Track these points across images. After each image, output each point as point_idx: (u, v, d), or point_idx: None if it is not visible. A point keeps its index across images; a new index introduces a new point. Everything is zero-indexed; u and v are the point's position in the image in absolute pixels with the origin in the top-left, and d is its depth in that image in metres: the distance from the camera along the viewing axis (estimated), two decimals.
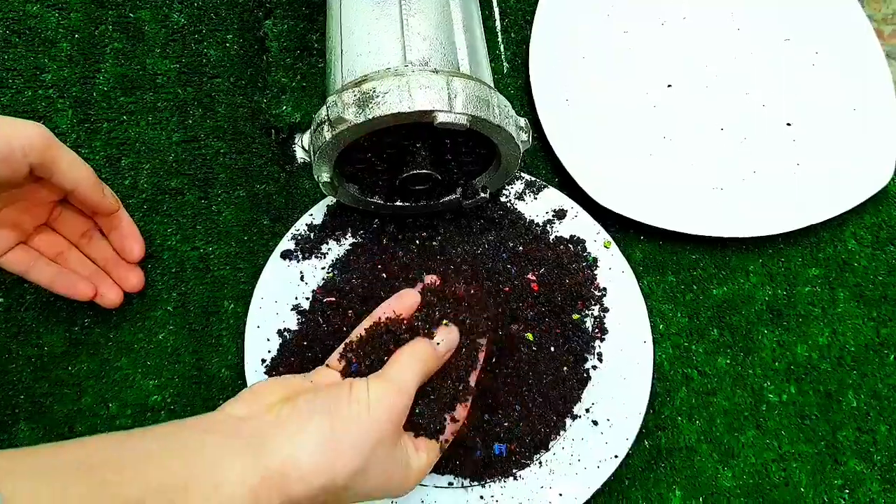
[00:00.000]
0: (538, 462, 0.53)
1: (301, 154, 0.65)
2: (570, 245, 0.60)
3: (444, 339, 0.45)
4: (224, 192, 0.64)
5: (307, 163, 0.65)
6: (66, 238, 0.57)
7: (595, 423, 0.54)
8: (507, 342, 0.55)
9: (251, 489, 0.34)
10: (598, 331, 0.57)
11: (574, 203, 0.61)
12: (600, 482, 0.52)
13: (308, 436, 0.37)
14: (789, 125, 0.66)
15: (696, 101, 0.68)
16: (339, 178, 0.54)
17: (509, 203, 0.61)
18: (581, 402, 0.55)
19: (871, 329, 0.60)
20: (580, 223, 0.61)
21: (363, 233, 0.60)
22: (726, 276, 0.62)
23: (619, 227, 0.63)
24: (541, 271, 0.58)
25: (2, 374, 0.57)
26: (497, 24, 0.72)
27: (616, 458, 0.53)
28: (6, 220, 0.53)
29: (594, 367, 0.56)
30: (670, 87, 0.68)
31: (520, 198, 0.62)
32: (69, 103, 0.65)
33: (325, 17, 0.69)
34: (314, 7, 0.70)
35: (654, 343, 0.56)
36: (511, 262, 0.58)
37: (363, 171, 0.54)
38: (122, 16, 0.69)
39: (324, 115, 0.48)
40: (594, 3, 0.72)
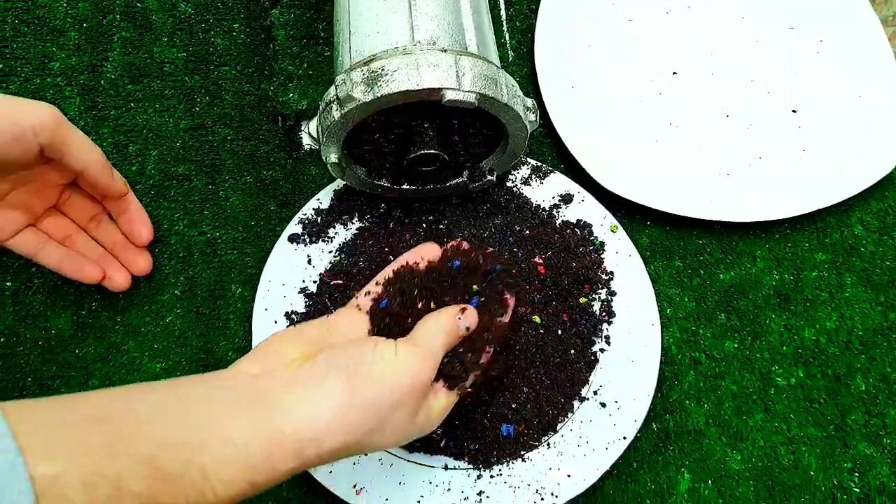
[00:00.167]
0: (546, 444, 0.53)
1: (308, 141, 0.66)
2: (576, 229, 0.60)
3: (469, 317, 0.43)
4: (231, 178, 0.64)
5: (314, 149, 0.65)
6: (74, 222, 0.57)
7: (603, 405, 0.54)
8: (514, 324, 0.54)
9: (264, 449, 0.33)
10: (605, 314, 0.57)
11: (580, 188, 0.61)
12: (608, 463, 0.52)
13: (324, 398, 0.35)
14: (794, 112, 0.66)
15: (702, 88, 0.68)
16: (347, 159, 0.54)
17: (515, 188, 0.61)
18: (589, 384, 0.55)
19: (878, 313, 0.60)
20: (587, 208, 0.61)
21: (370, 217, 0.60)
22: (733, 261, 0.62)
23: (626, 213, 0.63)
24: (548, 255, 0.58)
25: (10, 358, 0.57)
26: (502, 12, 0.73)
27: (624, 439, 0.52)
28: (16, 202, 0.53)
29: (602, 350, 0.56)
30: (676, 74, 0.68)
31: (526, 183, 0.62)
32: (77, 91, 0.65)
33: (331, 6, 0.69)
34: None
35: (661, 327, 0.56)
36: (518, 246, 0.58)
37: (371, 153, 0.55)
38: (129, 5, 0.69)
39: (332, 94, 0.48)
40: None
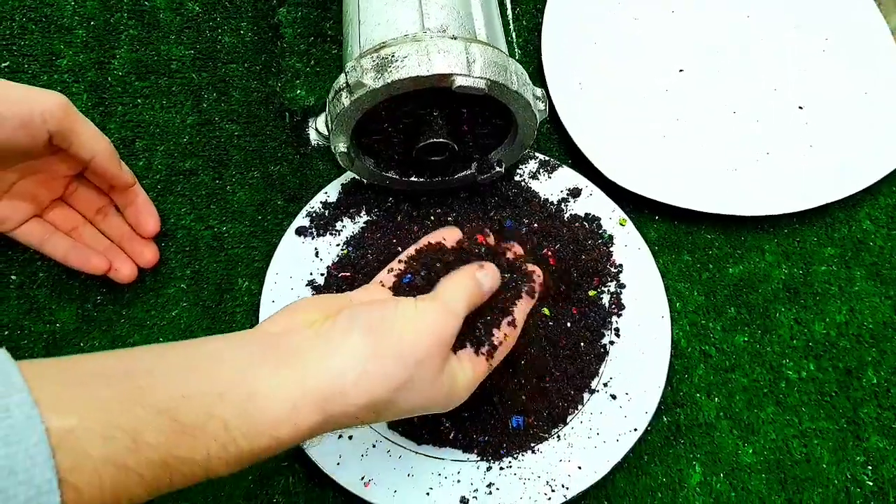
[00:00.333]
0: (556, 436, 0.52)
1: (315, 137, 0.66)
2: (585, 223, 0.60)
3: (490, 274, 0.43)
4: (238, 173, 0.64)
5: (321, 145, 0.65)
6: (81, 214, 0.57)
7: (613, 397, 0.53)
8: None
9: (287, 402, 0.33)
10: (614, 306, 0.57)
11: (588, 182, 0.61)
12: (620, 455, 0.51)
13: (347, 353, 0.35)
14: (801, 108, 0.66)
15: (708, 85, 0.68)
16: (355, 149, 0.54)
17: (523, 182, 0.61)
18: (599, 376, 0.54)
19: (888, 307, 0.60)
20: (595, 201, 0.61)
21: (377, 211, 0.60)
22: (742, 255, 0.62)
23: (634, 208, 0.63)
24: (556, 247, 0.58)
25: (14, 351, 0.56)
26: (508, 11, 0.73)
27: (635, 431, 0.52)
28: (22, 192, 0.53)
29: (611, 343, 0.56)
30: (682, 71, 0.68)
31: (534, 177, 0.61)
32: (84, 87, 0.65)
33: (338, 4, 0.69)
34: None
35: (671, 320, 0.56)
36: (526, 238, 0.58)
37: (380, 143, 0.54)
38: (137, 4, 0.70)
39: (342, 82, 0.48)
40: None
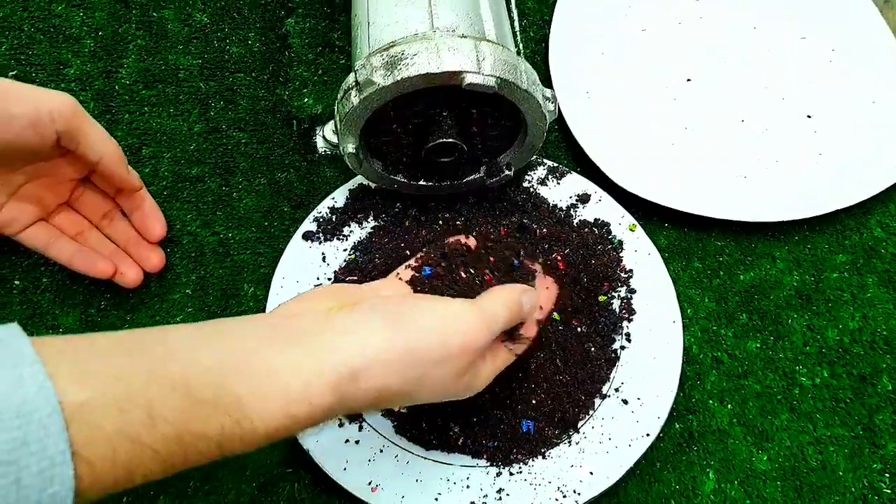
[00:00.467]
0: (567, 441, 0.51)
1: (322, 144, 0.66)
2: (594, 228, 0.59)
3: (532, 302, 0.43)
4: (245, 180, 0.63)
5: (328, 153, 0.65)
6: (87, 218, 0.56)
7: (625, 402, 0.53)
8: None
9: (301, 379, 0.32)
10: (625, 311, 0.56)
11: (597, 188, 0.61)
12: (632, 460, 0.50)
13: (365, 336, 0.35)
14: (809, 117, 0.66)
15: (716, 94, 0.68)
16: (364, 151, 0.54)
17: (532, 188, 0.61)
18: (610, 381, 0.54)
19: None
20: (604, 207, 0.60)
21: (385, 216, 0.60)
22: (753, 262, 0.61)
23: (643, 214, 0.62)
24: (566, 252, 0.57)
25: None
26: (515, 23, 0.73)
27: (648, 436, 0.51)
28: (29, 195, 0.53)
29: (622, 348, 0.55)
30: (689, 80, 0.68)
31: (542, 183, 0.61)
32: (91, 95, 0.65)
33: (346, 15, 0.70)
34: (335, 7, 0.71)
35: (682, 326, 0.55)
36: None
37: (388, 145, 0.54)
38: (145, 14, 0.70)
39: (351, 80, 0.48)
40: (612, 2, 0.73)
